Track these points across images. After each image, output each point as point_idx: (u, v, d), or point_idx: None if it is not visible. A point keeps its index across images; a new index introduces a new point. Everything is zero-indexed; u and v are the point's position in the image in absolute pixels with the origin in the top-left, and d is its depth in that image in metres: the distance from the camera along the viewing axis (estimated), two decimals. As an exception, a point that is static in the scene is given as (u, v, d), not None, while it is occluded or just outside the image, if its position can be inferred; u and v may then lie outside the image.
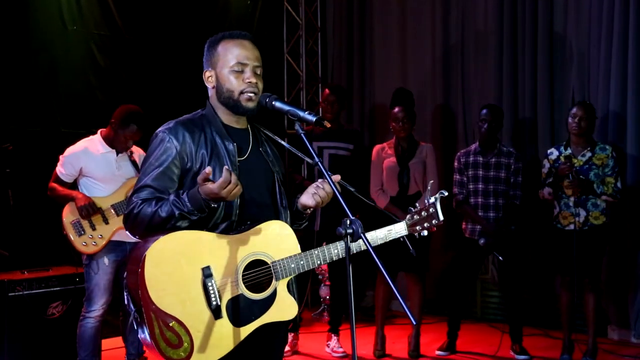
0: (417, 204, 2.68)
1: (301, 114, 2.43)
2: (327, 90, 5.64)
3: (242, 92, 2.49)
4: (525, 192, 5.48)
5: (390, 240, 2.71)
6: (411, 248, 2.71)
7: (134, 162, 4.63)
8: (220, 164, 2.44)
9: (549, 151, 5.28)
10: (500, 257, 5.29)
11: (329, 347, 5.53)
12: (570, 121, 5.08)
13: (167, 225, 2.36)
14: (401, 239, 2.69)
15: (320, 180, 2.59)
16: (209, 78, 2.56)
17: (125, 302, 2.39)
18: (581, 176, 4.98)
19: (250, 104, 2.51)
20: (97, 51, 6.07)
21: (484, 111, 5.39)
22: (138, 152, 4.68)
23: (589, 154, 5.05)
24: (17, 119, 5.59)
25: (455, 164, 5.49)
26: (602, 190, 4.96)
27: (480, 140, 5.42)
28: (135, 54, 6.30)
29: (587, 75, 5.95)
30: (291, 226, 2.55)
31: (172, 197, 2.38)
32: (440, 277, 6.54)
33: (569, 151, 5.11)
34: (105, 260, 4.48)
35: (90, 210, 4.42)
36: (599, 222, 5.02)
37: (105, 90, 6.07)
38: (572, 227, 5.01)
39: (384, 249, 2.70)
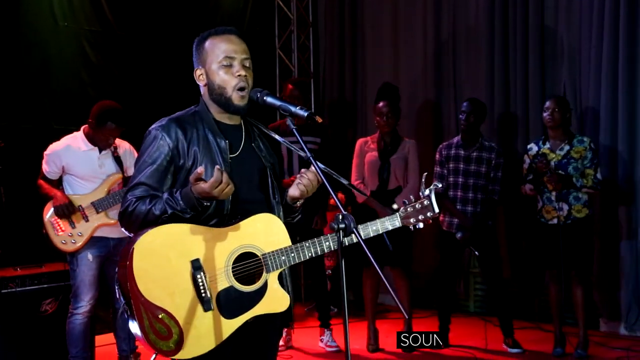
0: (406, 200, 2.62)
1: (293, 109, 2.45)
2: (290, 86, 5.53)
3: (233, 90, 2.50)
4: (513, 186, 5.49)
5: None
6: (388, 242, 2.71)
7: (117, 159, 4.54)
8: (212, 161, 2.45)
9: (528, 147, 5.31)
10: (476, 252, 5.31)
11: (322, 341, 5.55)
12: (544, 115, 5.12)
13: (160, 222, 2.37)
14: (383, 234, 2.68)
15: (303, 170, 2.61)
16: (199, 76, 2.57)
17: (117, 295, 2.40)
18: (559, 171, 5.01)
19: (242, 103, 2.52)
20: (88, 47, 6.07)
21: (464, 104, 5.40)
22: (123, 147, 4.62)
23: (567, 147, 5.07)
24: (8, 116, 5.58)
25: (437, 156, 5.48)
26: (582, 183, 4.99)
27: (461, 133, 5.44)
28: (127, 50, 6.29)
29: (578, 70, 5.97)
30: (284, 220, 2.56)
31: (165, 195, 2.39)
32: (433, 272, 6.56)
33: (547, 146, 5.14)
34: (89, 256, 4.45)
35: (65, 211, 4.38)
36: (581, 215, 5.05)
37: (97, 86, 6.06)
38: (555, 221, 5.04)
39: (367, 243, 2.70)
